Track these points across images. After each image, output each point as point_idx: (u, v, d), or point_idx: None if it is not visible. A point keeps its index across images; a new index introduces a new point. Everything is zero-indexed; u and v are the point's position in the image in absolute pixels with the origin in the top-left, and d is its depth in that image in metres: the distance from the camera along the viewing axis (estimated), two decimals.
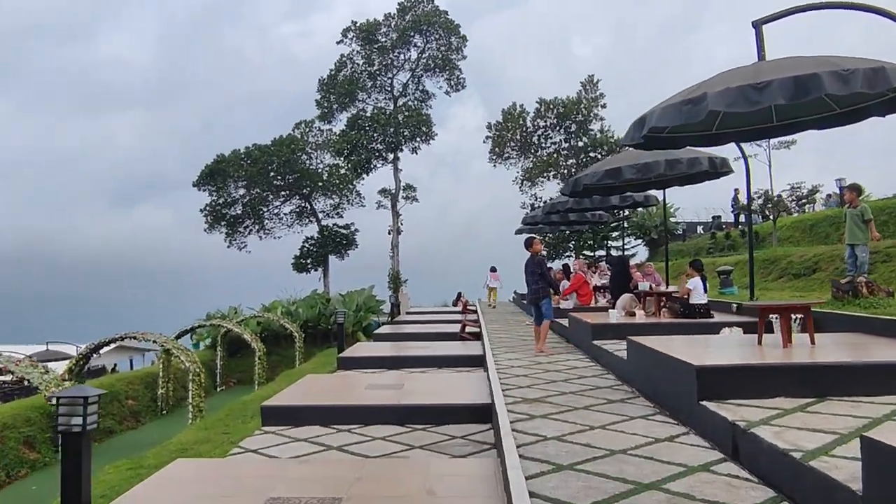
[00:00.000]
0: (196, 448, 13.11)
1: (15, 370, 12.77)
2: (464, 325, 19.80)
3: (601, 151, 42.28)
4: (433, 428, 8.63)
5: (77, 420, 4.94)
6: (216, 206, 44.28)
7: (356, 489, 5.39)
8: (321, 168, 44.49)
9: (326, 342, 33.66)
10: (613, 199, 17.20)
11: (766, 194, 27.27)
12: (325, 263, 44.41)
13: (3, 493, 15.25)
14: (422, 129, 36.33)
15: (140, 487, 5.80)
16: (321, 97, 39.70)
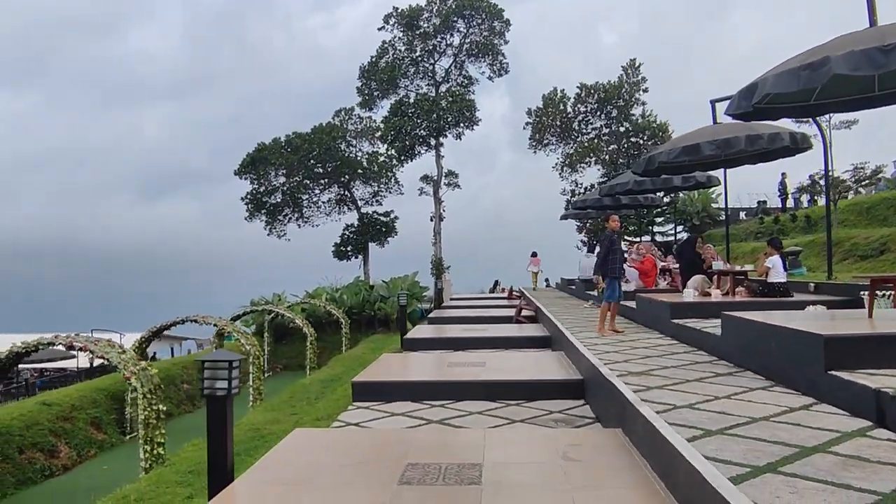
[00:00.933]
0: (268, 427, 13.24)
1: (95, 349, 12.93)
2: (519, 310, 19.74)
3: (642, 137, 41.85)
4: (526, 403, 8.59)
5: (222, 384, 4.95)
6: (257, 195, 44.56)
7: (490, 456, 5.34)
8: (360, 156, 44.57)
9: (371, 328, 33.78)
10: (676, 179, 16.98)
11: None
12: (365, 251, 44.53)
13: (76, 473, 15.53)
14: (465, 115, 36.10)
15: (274, 454, 5.80)
16: (362, 84, 39.66)
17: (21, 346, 13.09)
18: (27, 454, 14.67)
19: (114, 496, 9.54)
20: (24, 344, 13.16)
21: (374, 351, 25.52)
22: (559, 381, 9.20)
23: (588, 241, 42.54)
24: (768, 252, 12.09)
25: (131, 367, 12.86)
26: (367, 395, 9.18)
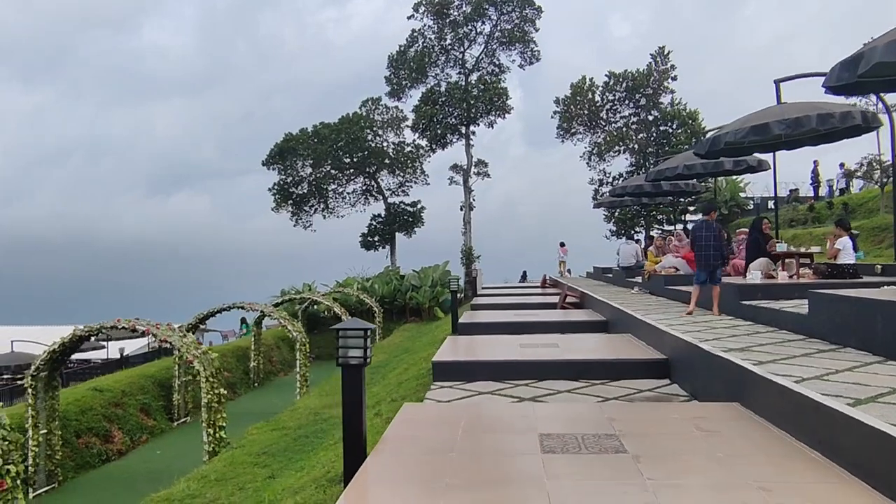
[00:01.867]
0: (327, 412, 13.24)
1: (157, 333, 12.98)
2: (564, 296, 19.69)
3: (671, 125, 41.54)
4: (611, 383, 8.51)
5: (357, 353, 4.89)
6: (284, 185, 44.63)
7: (621, 427, 5.26)
8: (387, 145, 44.52)
9: (402, 318, 33.80)
10: (728, 163, 16.78)
11: (876, 160, 26.37)
12: (392, 241, 44.52)
13: (130, 458, 15.62)
14: (497, 103, 35.88)
15: (395, 427, 5.74)
16: (390, 74, 39.54)
17: (84, 330, 13.14)
18: (84, 439, 14.75)
19: (194, 476, 9.56)
20: (87, 328, 13.21)
21: (412, 339, 25.57)
22: (641, 360, 9.12)
23: (619, 230, 42.42)
24: (837, 233, 11.92)
25: (193, 350, 12.89)
26: (448, 375, 9.12)
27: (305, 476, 7.72)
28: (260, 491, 8.38)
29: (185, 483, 9.10)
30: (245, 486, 8.65)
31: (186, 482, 9.13)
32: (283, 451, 10.36)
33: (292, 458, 9.84)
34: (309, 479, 7.53)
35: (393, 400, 10.04)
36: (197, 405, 19.92)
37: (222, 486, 8.85)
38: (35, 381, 12.73)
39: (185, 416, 18.90)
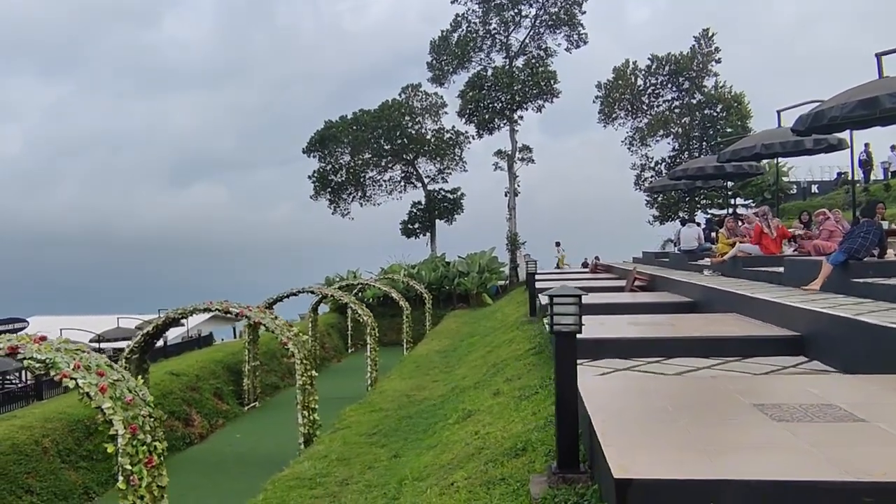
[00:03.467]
0: (416, 394, 13.15)
1: (250, 315, 12.94)
2: (633, 279, 19.45)
3: (715, 109, 40.98)
4: (745, 360, 8.30)
5: (569, 319, 4.74)
6: (324, 173, 44.61)
7: (829, 398, 5.07)
8: (425, 132, 44.28)
9: (449, 304, 33.69)
10: (808, 142, 16.42)
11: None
12: (433, 228, 44.38)
13: (212, 441, 15.66)
14: (545, 87, 35.50)
15: (593, 398, 5.56)
16: (432, 59, 39.25)
17: (176, 312, 13.14)
18: (167, 422, 14.76)
19: (313, 455, 9.50)
20: (178, 310, 13.20)
21: (470, 325, 25.45)
22: (771, 337, 8.90)
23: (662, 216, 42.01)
24: None
25: (287, 332, 12.85)
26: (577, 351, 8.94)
27: (446, 454, 7.60)
28: (391, 469, 8.29)
29: (308, 462, 9.03)
30: (373, 466, 8.56)
31: (310, 461, 9.06)
32: (394, 431, 10.26)
33: (407, 438, 9.74)
34: (450, 457, 7.42)
35: (508, 380, 9.90)
36: (264, 391, 19.98)
37: (348, 465, 8.77)
38: (128, 363, 12.75)
39: (254, 400, 18.92)
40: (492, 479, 5.65)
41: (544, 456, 5.66)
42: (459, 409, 9.78)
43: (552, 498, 4.62)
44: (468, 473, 6.30)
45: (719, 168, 22.27)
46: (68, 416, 12.51)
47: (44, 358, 7.07)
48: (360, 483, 7.92)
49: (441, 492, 6.25)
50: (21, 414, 12.93)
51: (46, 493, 10.84)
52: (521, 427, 6.90)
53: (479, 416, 8.81)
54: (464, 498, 5.59)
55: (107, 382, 7.05)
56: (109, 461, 12.63)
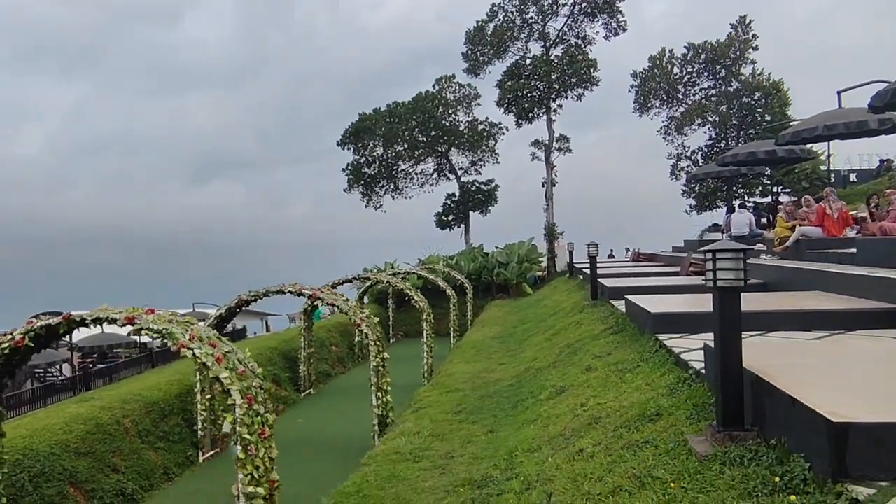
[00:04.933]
0: (486, 376, 13.09)
1: (323, 296, 12.94)
2: (689, 264, 19.31)
3: (753, 97, 40.51)
4: (848, 332, 8.17)
5: (733, 274, 4.65)
6: (358, 165, 44.66)
7: None
8: (459, 123, 44.20)
9: (489, 294, 33.58)
10: (872, 122, 16.18)
11: None
12: (467, 220, 44.32)
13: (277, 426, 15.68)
14: (583, 75, 35.17)
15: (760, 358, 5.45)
16: (468, 50, 39.09)
17: (250, 295, 13.17)
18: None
19: (404, 432, 9.48)
20: (253, 292, 13.24)
21: (516, 313, 25.38)
22: (871, 310, 8.75)
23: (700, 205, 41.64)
24: None
25: (360, 314, 12.85)
26: (667, 327, 8.87)
27: (553, 426, 7.54)
28: (492, 443, 8.25)
29: (403, 439, 9.00)
30: (471, 440, 8.52)
31: (405, 438, 9.03)
32: (479, 409, 10.21)
33: (496, 415, 9.68)
34: (559, 428, 7.36)
35: (596, 357, 9.81)
36: (317, 378, 20.02)
37: (444, 440, 8.73)
38: None
39: (309, 387, 18.97)
40: (633, 443, 5.57)
41: (686, 419, 5.58)
42: (548, 386, 9.71)
43: (723, 454, 4.54)
44: (595, 440, 6.23)
45: (771, 153, 22.05)
46: (144, 399, 12.59)
47: (160, 328, 7.08)
48: (465, 456, 7.88)
49: (569, 459, 6.18)
50: (98, 395, 13.03)
51: (130, 471, 10.91)
52: (639, 396, 6.82)
53: (574, 390, 8.74)
54: (606, 461, 5.51)
55: (220, 353, 7.06)
56: (185, 443, 12.75)
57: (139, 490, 10.80)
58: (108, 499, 10.15)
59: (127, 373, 25.79)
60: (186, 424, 13.05)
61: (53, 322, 7.14)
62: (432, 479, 7.26)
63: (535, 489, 5.87)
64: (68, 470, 9.84)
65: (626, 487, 4.80)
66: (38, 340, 7.27)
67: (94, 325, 7.27)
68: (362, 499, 6.90)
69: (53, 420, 10.64)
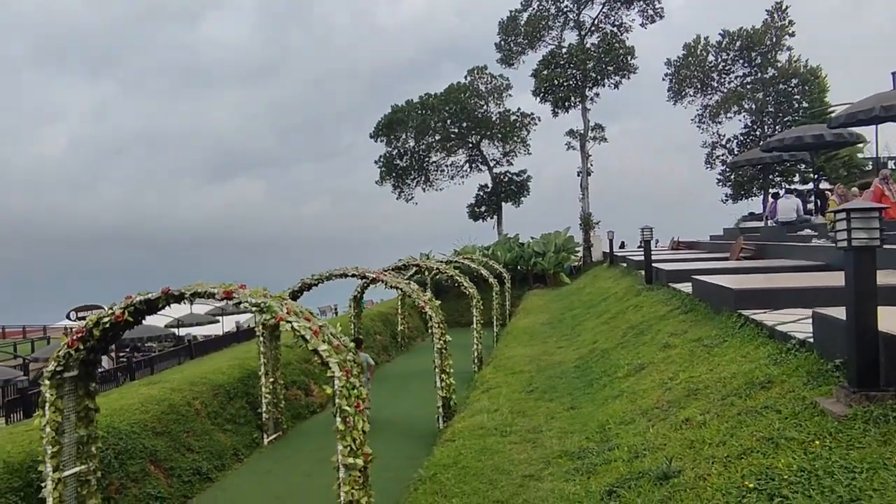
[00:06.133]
0: (546, 358, 13.08)
1: (386, 279, 13.01)
2: (740, 248, 19.19)
3: (790, 84, 39.99)
4: None
5: (867, 234, 4.59)
6: (390, 157, 44.73)
7: None
8: (491, 114, 44.09)
9: (525, 284, 33.52)
10: None
11: None
12: (499, 211, 44.26)
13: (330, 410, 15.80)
14: (621, 63, 34.87)
15: None
16: (501, 40, 38.98)
17: (313, 278, 13.27)
18: (291, 391, 14.95)
19: (481, 409, 9.51)
20: (316, 276, 13.33)
21: (558, 300, 25.34)
22: None
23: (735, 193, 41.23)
24: None
25: (423, 297, 12.90)
26: (750, 303, 8.81)
27: (643, 400, 7.53)
28: (576, 419, 8.25)
29: (485, 415, 9.04)
30: (555, 416, 8.53)
31: (486, 415, 9.06)
32: (552, 388, 10.22)
33: (572, 393, 9.68)
34: (651, 402, 7.34)
35: (673, 335, 9.76)
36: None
37: (526, 416, 8.75)
38: (264, 328, 12.91)
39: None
40: (749, 409, 5.55)
41: (804, 385, 5.55)
42: (623, 365, 9.69)
43: (863, 413, 4.51)
44: (702, 409, 6.21)
45: (819, 137, 21.73)
46: (211, 382, 12.72)
47: (258, 301, 7.16)
48: (553, 430, 7.89)
49: (675, 428, 6.17)
50: (166, 378, 13.19)
51: (203, 451, 11.04)
52: (738, 367, 6.79)
53: (654, 367, 8.72)
54: (723, 427, 5.50)
55: (316, 327, 7.12)
56: (250, 425, 12.87)
57: (213, 469, 10.92)
58: (186, 477, 10.29)
59: (167, 364, 26.10)
60: (251, 407, 13.17)
61: (152, 296, 7.24)
62: (525, 452, 7.28)
63: (646, 457, 5.87)
64: (148, 448, 9.98)
65: (758, 449, 4.78)
66: (135, 315, 7.38)
67: (190, 300, 7.35)
68: (461, 470, 6.93)
69: (128, 401, 10.79)
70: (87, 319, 7.30)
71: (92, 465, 7.92)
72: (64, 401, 7.58)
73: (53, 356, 7.39)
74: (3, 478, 7.60)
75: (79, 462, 7.77)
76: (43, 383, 7.41)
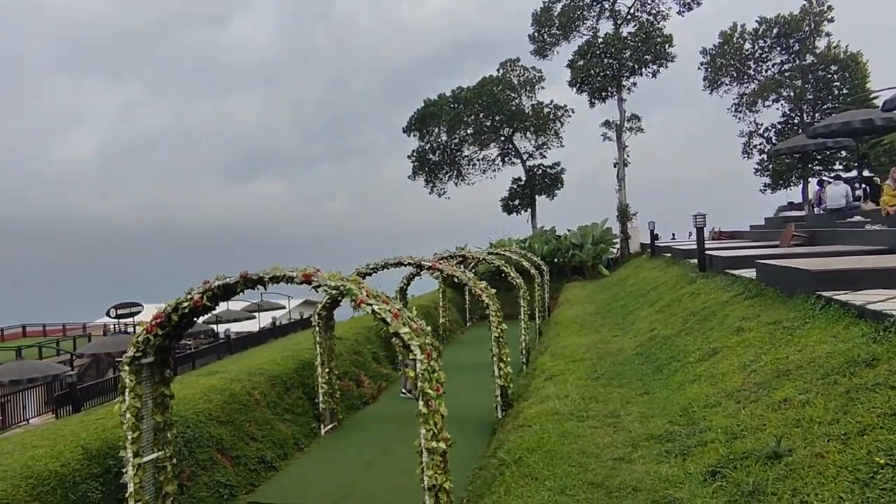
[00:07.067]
0: (605, 346, 12.91)
1: (443, 268, 12.93)
2: (791, 235, 18.88)
3: (829, 70, 39.28)
4: None
5: None
6: (422, 152, 44.68)
7: None
8: (524, 107, 43.84)
9: (563, 277, 33.30)
10: None
11: None
12: (533, 204, 44.02)
13: (382, 402, 15.78)
14: (658, 52, 34.41)
15: None
16: (534, 31, 38.71)
17: (368, 268, 13.22)
18: (343, 382, 14.93)
19: (550, 395, 9.40)
20: (371, 265, 13.30)
21: (598, 293, 25.11)
22: None
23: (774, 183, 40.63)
24: None
25: (479, 285, 12.82)
26: (830, 284, 8.60)
27: (726, 383, 7.37)
28: (652, 403, 8.12)
29: (557, 401, 8.93)
30: (630, 401, 8.40)
31: (557, 401, 8.95)
32: (619, 375, 10.08)
33: (642, 378, 9.55)
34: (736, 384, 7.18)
35: (744, 318, 9.57)
36: None
37: (599, 402, 8.62)
38: (320, 318, 12.89)
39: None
40: (859, 386, 5.39)
41: None
42: (693, 350, 9.54)
43: None
44: (800, 389, 6.05)
45: (868, 122, 21.26)
46: (267, 372, 12.73)
47: (338, 285, 7.10)
48: (632, 415, 7.75)
49: (772, 409, 6.02)
50: (222, 368, 13.23)
51: (266, 441, 11.04)
52: (832, 347, 6.61)
53: (729, 351, 8.56)
54: (831, 406, 5.35)
55: (395, 309, 7.05)
56: (308, 416, 12.86)
57: (276, 458, 10.93)
58: (252, 465, 10.29)
59: (206, 359, 26.26)
60: (307, 398, 13.17)
61: (231, 280, 7.22)
62: (608, 436, 7.16)
63: (745, 437, 5.73)
64: (214, 437, 10.00)
65: (880, 425, 4.62)
66: (213, 300, 7.36)
67: (270, 284, 7.32)
68: (546, 453, 6.83)
69: (191, 390, 10.82)
70: (165, 304, 7.29)
71: (168, 452, 7.93)
72: (142, 387, 7.60)
73: (132, 342, 7.41)
74: (83, 464, 7.64)
75: (156, 448, 7.78)
76: (122, 369, 7.42)
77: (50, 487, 7.03)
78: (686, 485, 5.45)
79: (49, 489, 7.00)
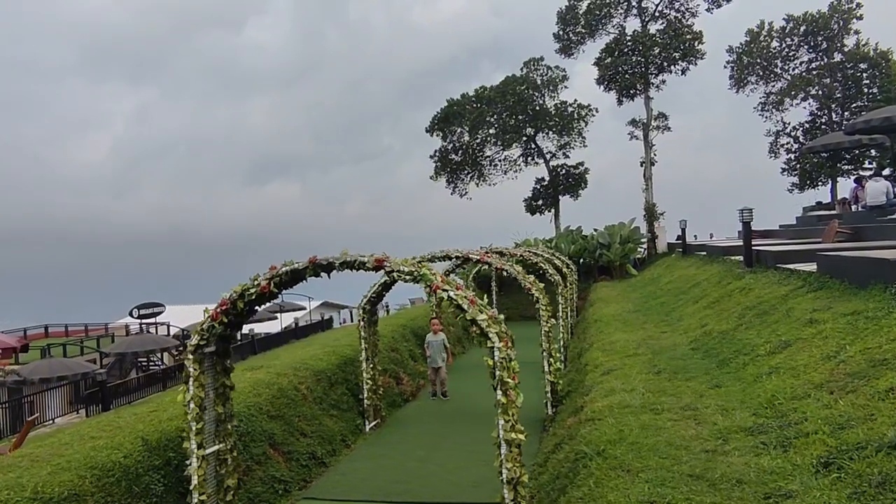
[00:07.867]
0: (656, 342, 12.62)
1: (491, 261, 12.68)
2: (835, 231, 18.60)
3: (858, 69, 38.76)
4: None
5: None
6: (445, 152, 44.46)
7: None
8: (547, 106, 43.51)
9: (590, 276, 32.97)
10: None
11: None
12: (556, 204, 43.69)
13: (423, 398, 15.55)
14: (687, 49, 34.02)
15: None
16: (559, 30, 38.44)
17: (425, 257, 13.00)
18: (384, 379, 14.70)
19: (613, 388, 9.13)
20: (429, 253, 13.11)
21: (629, 291, 24.80)
22: None
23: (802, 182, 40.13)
24: None
25: (528, 279, 12.58)
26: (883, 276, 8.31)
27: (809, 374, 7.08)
28: (726, 396, 7.83)
29: (624, 394, 8.65)
30: (703, 394, 8.11)
31: (625, 394, 8.68)
32: (683, 369, 9.79)
33: (708, 372, 9.27)
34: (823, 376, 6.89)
35: (815, 310, 9.27)
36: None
37: (668, 395, 8.34)
38: (364, 313, 12.67)
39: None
40: None
41: None
42: (761, 343, 9.26)
43: None
44: None
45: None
46: (312, 367, 12.53)
47: (411, 270, 6.87)
48: (710, 408, 7.46)
49: (878, 398, 5.75)
50: (266, 364, 13.03)
51: (315, 436, 10.82)
52: None
53: (806, 342, 8.28)
54: None
55: (471, 296, 6.81)
56: (353, 412, 12.63)
57: (326, 455, 10.70)
58: (304, 461, 10.07)
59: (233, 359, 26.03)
60: (350, 394, 12.95)
61: (300, 266, 6.99)
62: (692, 429, 6.87)
63: (853, 428, 5.44)
64: (266, 431, 9.79)
65: None
66: (280, 286, 7.14)
67: (340, 269, 7.09)
68: (631, 445, 6.56)
69: (239, 384, 10.57)
70: (231, 290, 7.07)
71: (229, 444, 7.71)
72: (205, 376, 7.39)
73: (196, 329, 7.20)
74: (144, 456, 7.44)
75: (217, 440, 7.56)
76: (187, 358, 7.21)
77: (114, 479, 6.82)
78: (796, 477, 5.16)
79: (114, 480, 6.80)
